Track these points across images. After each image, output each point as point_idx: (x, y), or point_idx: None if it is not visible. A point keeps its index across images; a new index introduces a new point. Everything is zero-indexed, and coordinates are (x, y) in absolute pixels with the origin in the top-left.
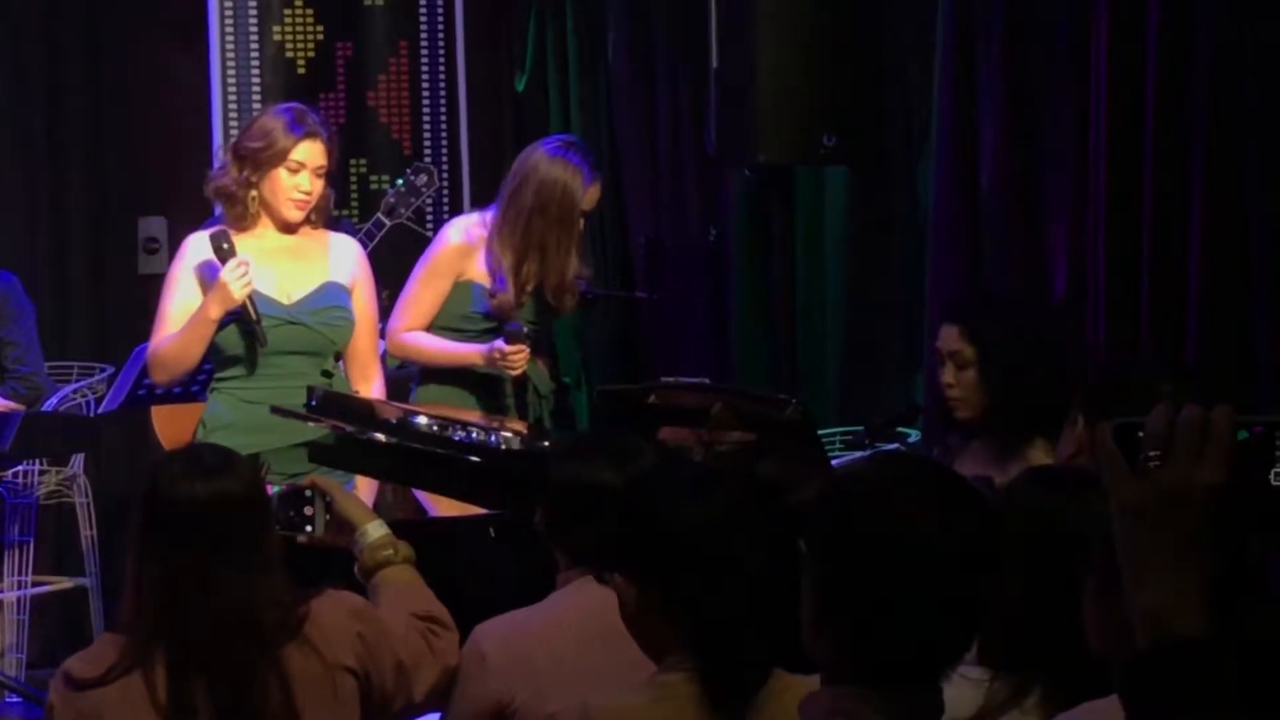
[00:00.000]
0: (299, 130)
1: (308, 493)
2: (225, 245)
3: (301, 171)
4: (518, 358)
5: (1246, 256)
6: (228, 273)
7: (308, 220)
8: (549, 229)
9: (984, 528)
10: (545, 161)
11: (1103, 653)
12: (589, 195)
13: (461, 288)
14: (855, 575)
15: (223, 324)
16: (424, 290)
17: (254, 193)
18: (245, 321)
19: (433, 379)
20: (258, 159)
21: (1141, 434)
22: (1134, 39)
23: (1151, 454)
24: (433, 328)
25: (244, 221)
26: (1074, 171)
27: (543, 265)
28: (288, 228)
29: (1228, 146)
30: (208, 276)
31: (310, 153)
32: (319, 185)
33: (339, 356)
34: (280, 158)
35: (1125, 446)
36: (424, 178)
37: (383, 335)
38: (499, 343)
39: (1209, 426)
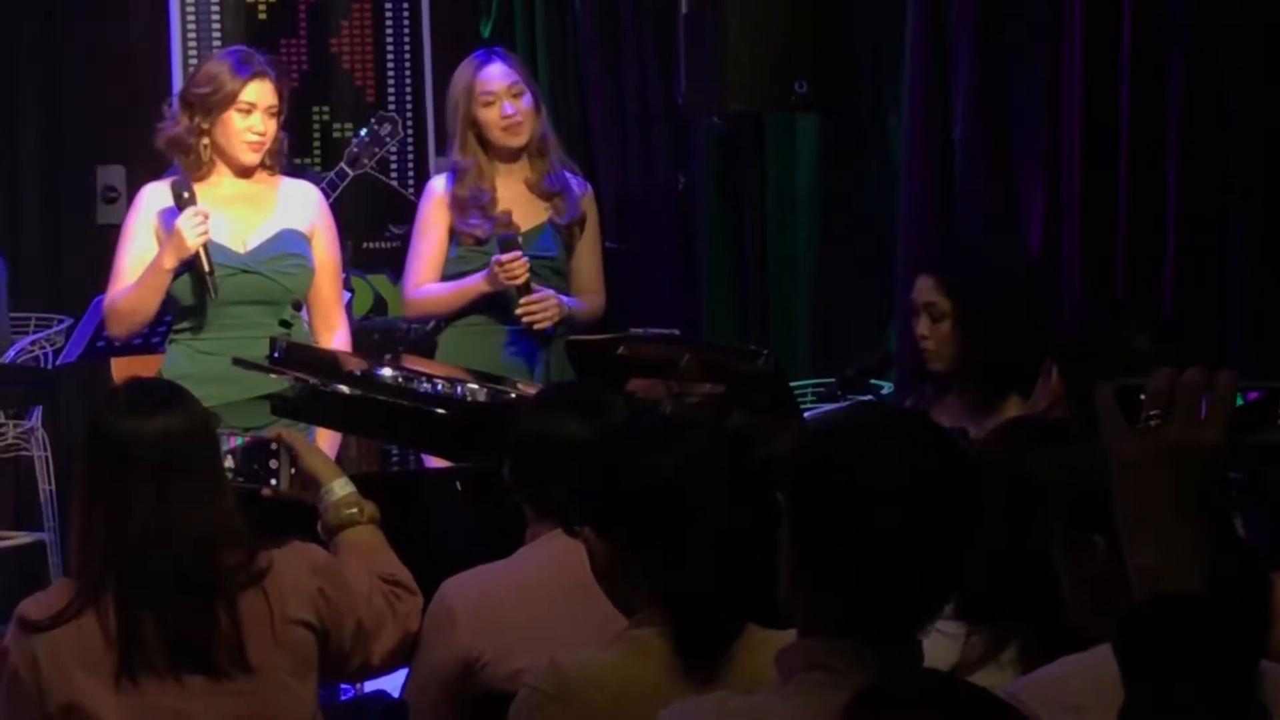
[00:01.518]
0: (246, 71)
1: (273, 446)
2: (185, 194)
3: (253, 112)
4: (515, 265)
5: (1222, 210)
6: (183, 221)
7: (263, 166)
8: (461, 128)
9: (963, 479)
10: (456, 77)
11: (1076, 613)
12: (485, 81)
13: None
14: (834, 526)
15: (178, 274)
16: (422, 244)
17: (206, 140)
18: (198, 272)
19: (451, 331)
20: (208, 104)
21: (1143, 396)
22: None
23: (1152, 414)
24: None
25: (198, 170)
26: (1048, 121)
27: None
28: (243, 173)
29: (1204, 100)
30: (165, 227)
31: (260, 93)
32: (272, 126)
33: (299, 305)
34: (230, 100)
35: (1126, 407)
36: (388, 127)
37: (349, 288)
38: (495, 256)
39: (1211, 388)
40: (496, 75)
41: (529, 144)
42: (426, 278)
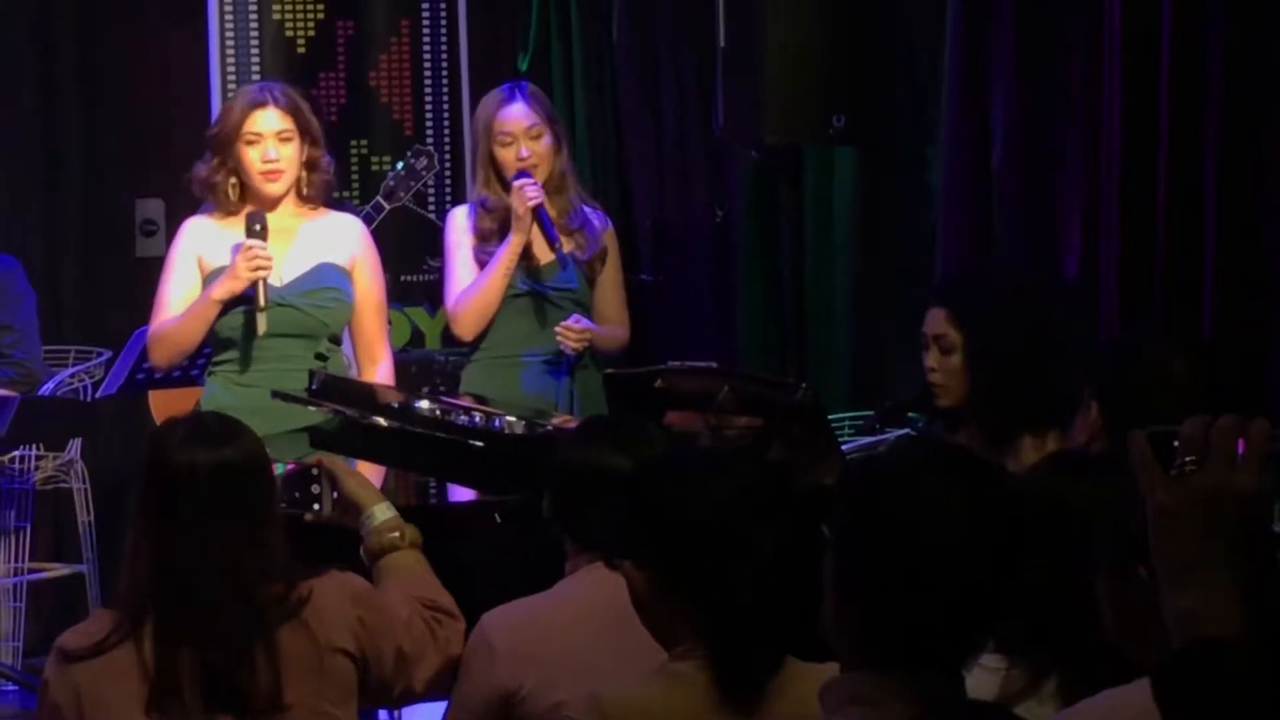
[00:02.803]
0: (248, 101)
1: (315, 471)
2: (258, 226)
3: (260, 142)
4: (530, 189)
5: (1261, 237)
6: (240, 256)
7: (302, 198)
8: (481, 165)
9: (1007, 512)
10: (479, 111)
11: (1119, 642)
12: (504, 121)
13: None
14: (879, 560)
15: (230, 306)
16: (454, 264)
17: (233, 179)
18: (252, 306)
19: (474, 364)
20: (220, 142)
21: (1176, 443)
22: (1148, 16)
23: (1187, 460)
24: None
25: (227, 207)
26: (1087, 151)
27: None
28: (275, 204)
29: (1243, 125)
30: (208, 259)
31: (264, 120)
32: (288, 151)
33: (337, 339)
34: (235, 133)
35: (1160, 454)
36: (424, 160)
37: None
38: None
39: (1245, 434)
40: (516, 115)
41: (546, 183)
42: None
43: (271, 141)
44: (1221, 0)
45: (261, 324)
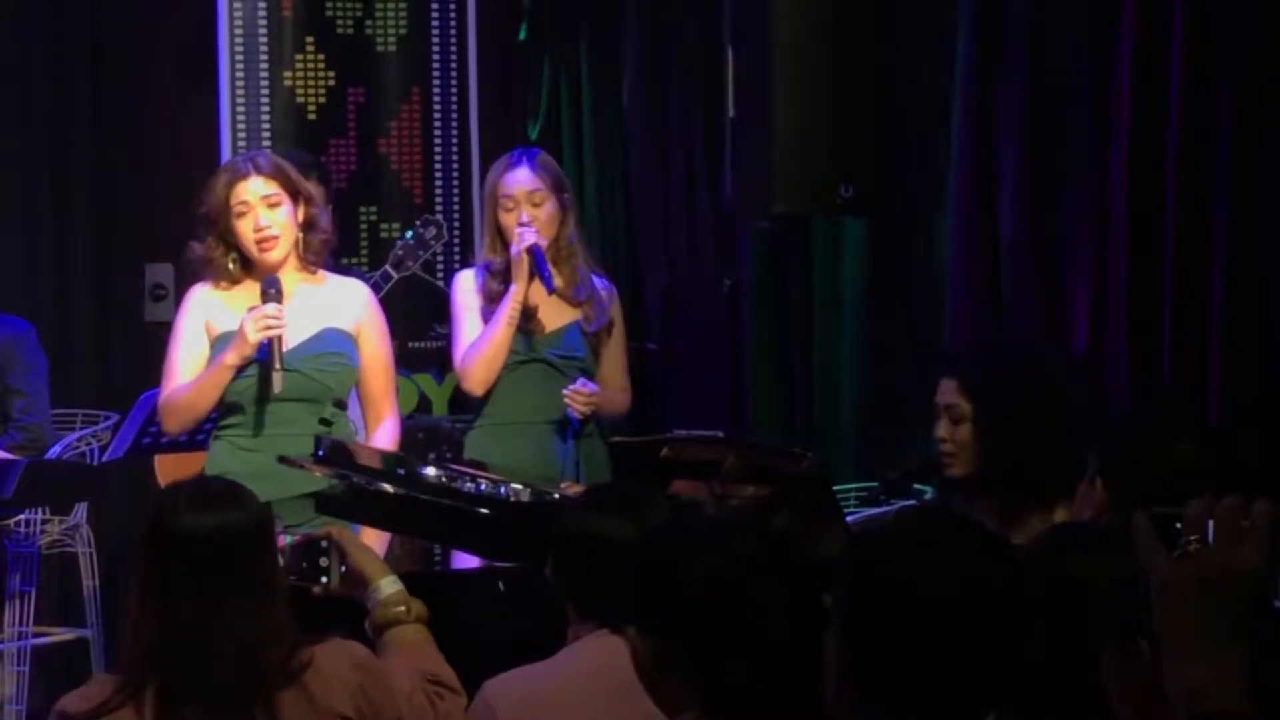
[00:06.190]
0: (231, 174)
1: (323, 544)
2: (272, 290)
3: (250, 211)
4: (528, 232)
5: (1271, 309)
6: (246, 319)
7: (303, 260)
8: (487, 229)
9: (1013, 584)
10: (488, 176)
11: (1121, 711)
12: (507, 185)
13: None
14: (883, 630)
15: (241, 372)
16: (462, 325)
17: (232, 253)
18: (260, 371)
19: (478, 430)
20: (211, 220)
21: (1179, 524)
22: (1156, 88)
23: (1191, 539)
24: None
25: (226, 280)
26: (1095, 222)
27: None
28: (275, 270)
29: (1251, 197)
30: (216, 325)
31: (249, 190)
32: (279, 216)
33: (342, 403)
34: (224, 210)
35: (1163, 535)
36: (433, 230)
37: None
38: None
39: (1249, 513)
40: (519, 180)
41: (549, 252)
42: None
43: (260, 209)
44: (1230, 76)
45: (277, 383)
